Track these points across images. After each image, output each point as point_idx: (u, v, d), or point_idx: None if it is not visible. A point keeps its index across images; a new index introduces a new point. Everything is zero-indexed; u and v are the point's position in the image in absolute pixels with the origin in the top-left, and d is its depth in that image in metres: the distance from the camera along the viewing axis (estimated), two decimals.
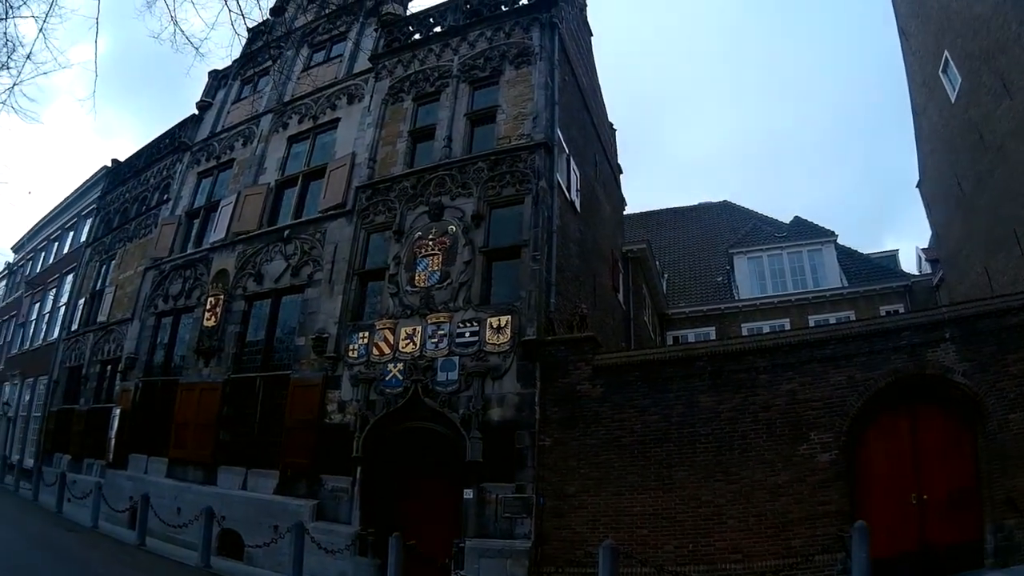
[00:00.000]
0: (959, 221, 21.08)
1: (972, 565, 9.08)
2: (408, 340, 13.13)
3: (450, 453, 11.92)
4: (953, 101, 19.50)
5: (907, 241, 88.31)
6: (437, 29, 16.91)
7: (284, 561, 11.59)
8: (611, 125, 23.70)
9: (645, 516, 10.44)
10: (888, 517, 9.40)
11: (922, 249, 30.27)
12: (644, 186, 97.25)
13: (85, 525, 15.54)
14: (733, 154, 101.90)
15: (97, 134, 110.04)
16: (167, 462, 16.19)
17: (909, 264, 31.80)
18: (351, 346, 13.86)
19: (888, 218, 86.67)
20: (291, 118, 18.70)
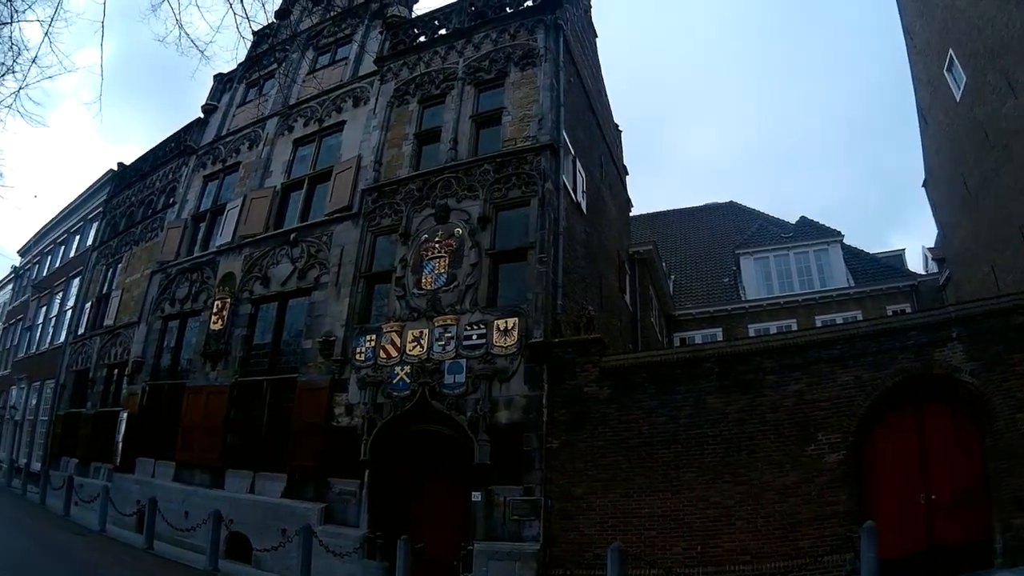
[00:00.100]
0: (965, 220, 21.04)
1: (981, 565, 9.03)
2: (415, 343, 13.13)
3: (458, 456, 11.92)
4: (958, 100, 19.46)
5: (913, 240, 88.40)
6: (442, 32, 16.91)
7: (292, 564, 11.56)
8: (616, 126, 23.66)
9: (653, 518, 10.40)
10: (896, 517, 9.35)
11: (928, 248, 30.19)
12: (650, 187, 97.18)
13: (92, 529, 15.57)
14: (739, 154, 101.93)
15: (103, 138, 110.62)
16: (174, 465, 16.19)
17: (915, 263, 31.79)
18: (358, 349, 13.86)
19: (894, 218, 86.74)
20: (297, 121, 18.72)
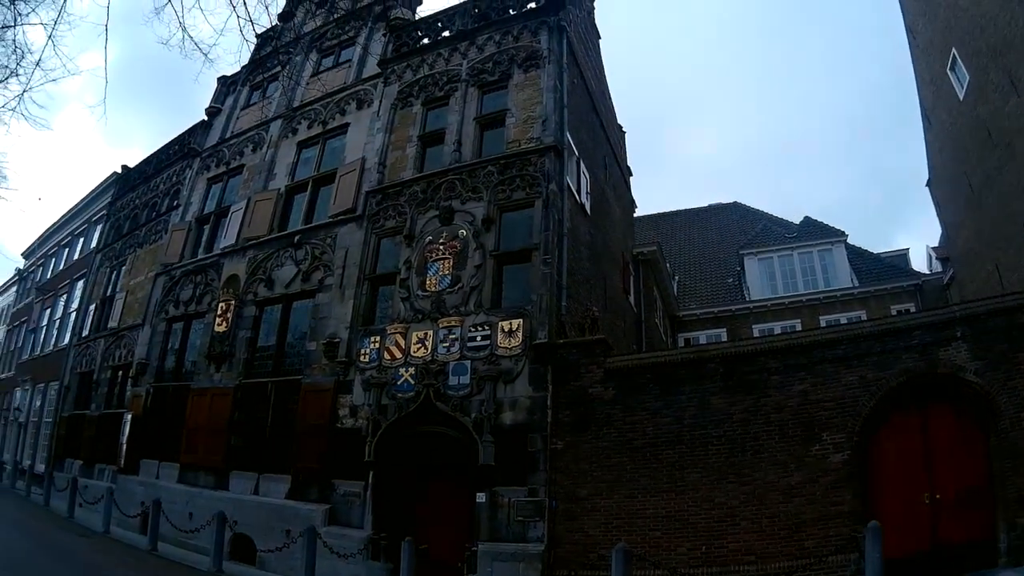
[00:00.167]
0: (969, 219, 21.02)
1: (985, 564, 9.01)
2: (420, 344, 13.14)
3: (462, 457, 11.92)
4: (961, 99, 19.44)
5: (917, 240, 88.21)
6: (446, 33, 16.91)
7: (296, 565, 11.58)
8: (620, 127, 23.66)
9: (658, 518, 10.40)
10: (901, 517, 9.34)
11: (932, 248, 30.14)
12: (651, 188, 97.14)
13: (96, 530, 15.62)
14: (743, 155, 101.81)
15: (106, 141, 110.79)
16: (179, 467, 16.24)
17: (920, 263, 31.70)
18: (362, 351, 13.88)
19: (898, 217, 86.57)
20: (300, 123, 18.76)
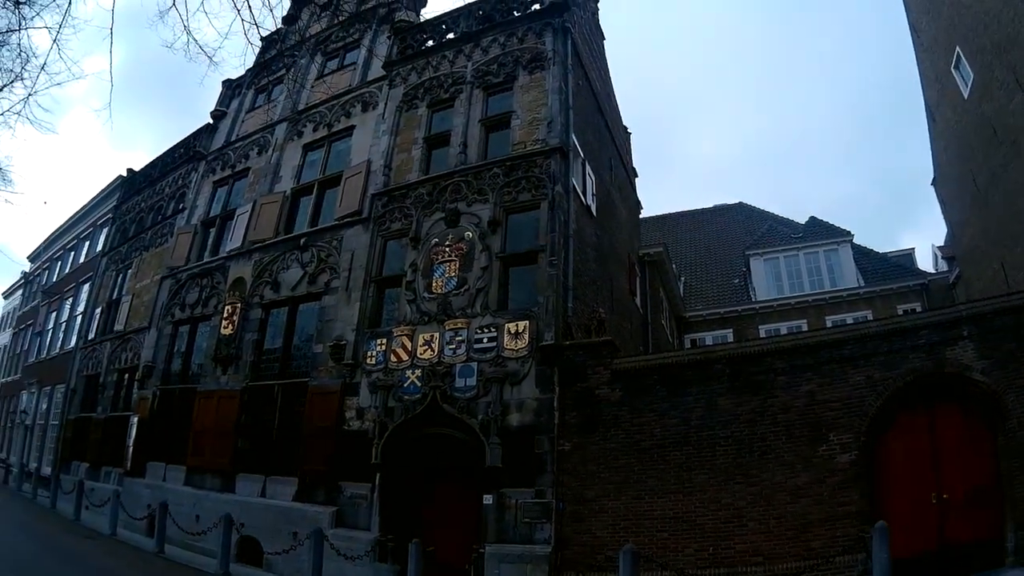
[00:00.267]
0: (974, 217, 20.99)
1: (993, 564, 8.99)
2: (426, 346, 13.14)
3: (469, 459, 11.91)
4: (966, 97, 19.42)
5: (923, 239, 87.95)
6: (450, 36, 16.92)
7: (303, 568, 11.56)
8: (625, 129, 23.64)
9: (665, 520, 10.39)
10: (908, 517, 9.32)
11: (938, 247, 30.03)
12: (660, 189, 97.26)
13: (103, 533, 15.65)
14: (748, 155, 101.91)
15: (111, 144, 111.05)
16: (185, 470, 16.26)
17: (925, 262, 31.63)
18: (369, 353, 13.88)
19: (904, 216, 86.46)
20: (306, 126, 18.78)
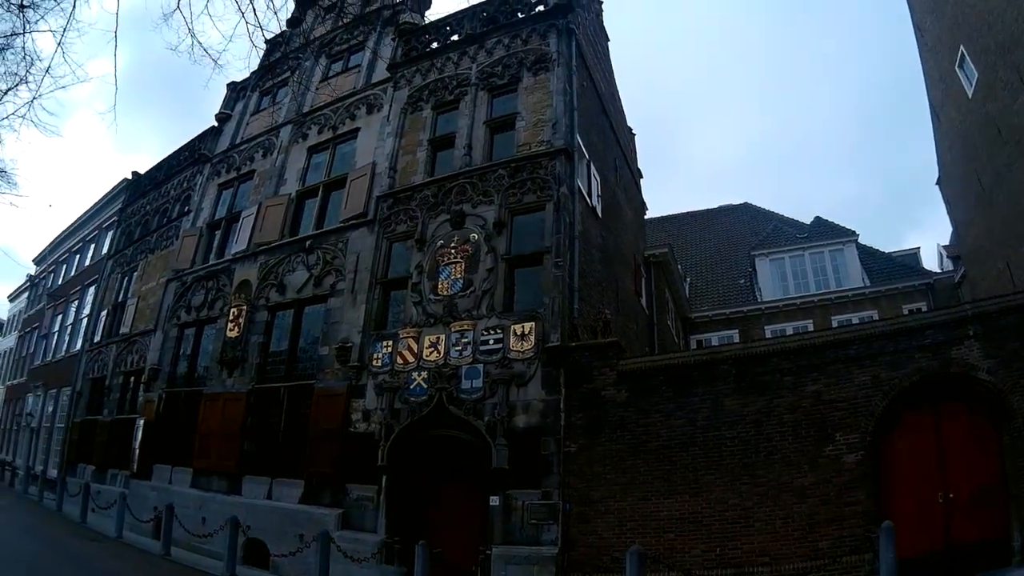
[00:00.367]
0: (979, 217, 20.95)
1: (999, 563, 8.98)
2: (432, 348, 13.15)
3: (476, 460, 11.92)
4: (970, 96, 19.37)
5: (928, 239, 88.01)
6: (455, 37, 16.92)
7: (310, 570, 11.57)
8: (630, 130, 23.68)
9: (672, 520, 10.39)
10: (914, 517, 9.31)
11: (943, 246, 30.05)
12: (665, 190, 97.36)
13: (109, 535, 15.67)
14: (752, 156, 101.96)
15: (116, 148, 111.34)
16: (191, 472, 16.30)
17: (931, 262, 31.62)
18: (375, 355, 13.89)
19: (908, 216, 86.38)
20: (310, 129, 18.80)
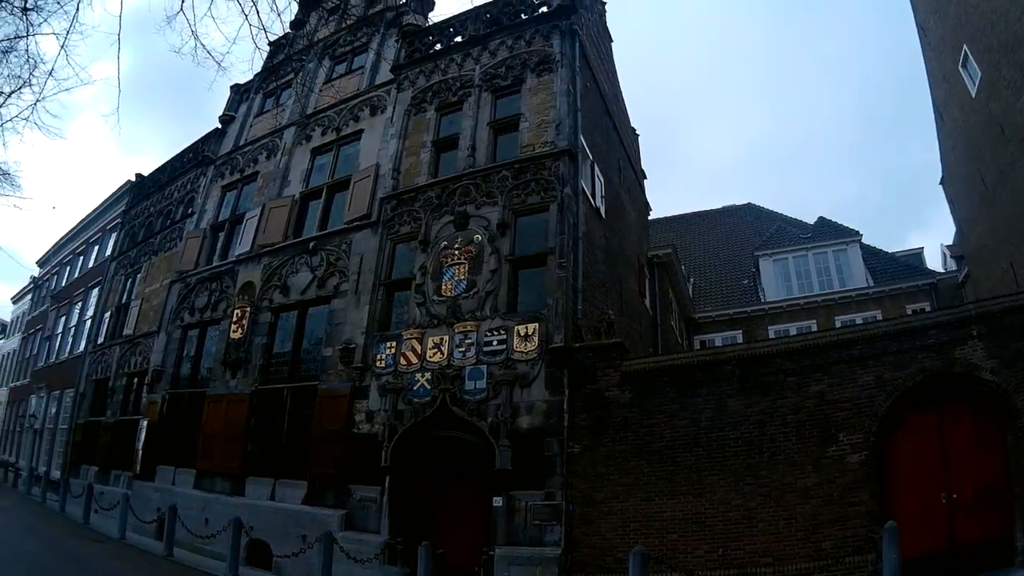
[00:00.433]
0: (983, 216, 20.90)
1: (1002, 563, 8.96)
2: (435, 349, 13.14)
3: (479, 461, 11.91)
4: (973, 95, 19.32)
5: (932, 238, 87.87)
6: (458, 39, 16.95)
7: (313, 571, 11.56)
8: (634, 130, 23.69)
9: (675, 521, 10.38)
10: (917, 517, 9.29)
11: (947, 246, 29.96)
12: (668, 191, 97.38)
13: (112, 536, 15.68)
14: (754, 156, 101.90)
15: (120, 150, 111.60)
16: (194, 473, 16.33)
17: (934, 261, 31.50)
18: (378, 356, 13.89)
19: (912, 215, 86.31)
20: (314, 130, 18.83)
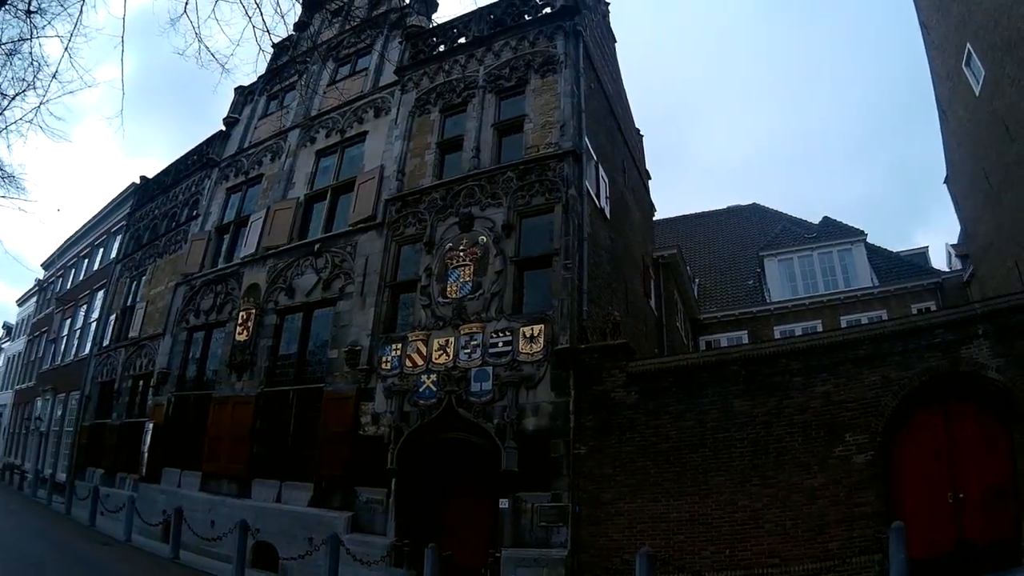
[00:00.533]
0: (988, 215, 20.86)
1: (1009, 563, 8.91)
2: (441, 351, 13.13)
3: (485, 463, 11.90)
4: (977, 94, 19.30)
5: (936, 237, 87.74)
6: (462, 40, 16.96)
7: (319, 573, 11.54)
8: (638, 131, 23.67)
9: (682, 522, 10.35)
10: (924, 517, 9.25)
11: (952, 245, 29.90)
12: (672, 191, 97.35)
13: (118, 539, 15.72)
14: (761, 156, 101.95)
15: (124, 152, 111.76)
16: (200, 476, 16.34)
17: (939, 261, 31.51)
18: (384, 358, 13.89)
19: (917, 215, 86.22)
20: (318, 132, 18.83)
